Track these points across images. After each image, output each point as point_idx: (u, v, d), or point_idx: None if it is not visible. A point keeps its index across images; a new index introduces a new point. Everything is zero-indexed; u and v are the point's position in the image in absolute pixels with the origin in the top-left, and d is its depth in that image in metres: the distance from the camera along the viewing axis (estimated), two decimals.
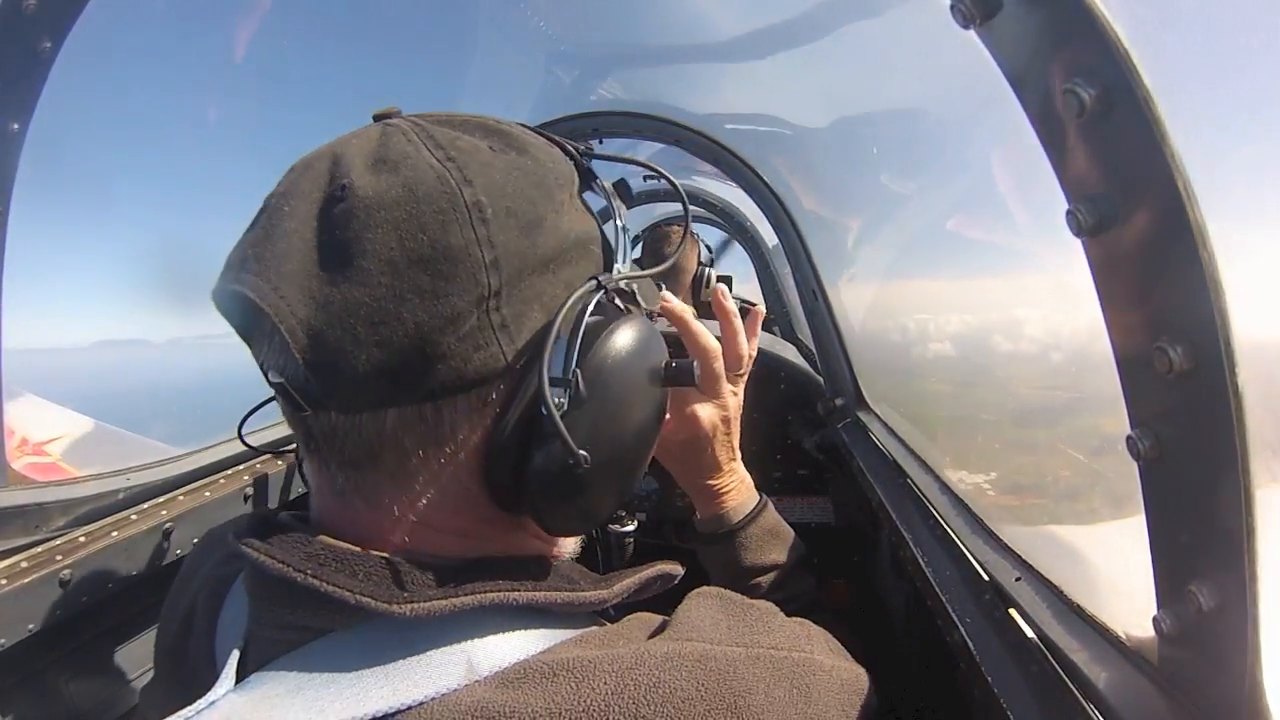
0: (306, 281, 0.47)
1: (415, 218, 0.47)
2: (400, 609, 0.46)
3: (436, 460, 0.51)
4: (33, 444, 1.85)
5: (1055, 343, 1.03)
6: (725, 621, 0.55)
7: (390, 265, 0.46)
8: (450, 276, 0.47)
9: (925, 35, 1.03)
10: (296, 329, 0.46)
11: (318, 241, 0.47)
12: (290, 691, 0.46)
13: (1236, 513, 0.43)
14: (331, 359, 0.46)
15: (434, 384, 0.48)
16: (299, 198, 0.49)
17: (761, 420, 2.03)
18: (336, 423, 0.49)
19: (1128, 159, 0.46)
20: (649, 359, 0.56)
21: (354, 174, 0.48)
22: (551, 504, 0.53)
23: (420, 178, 0.48)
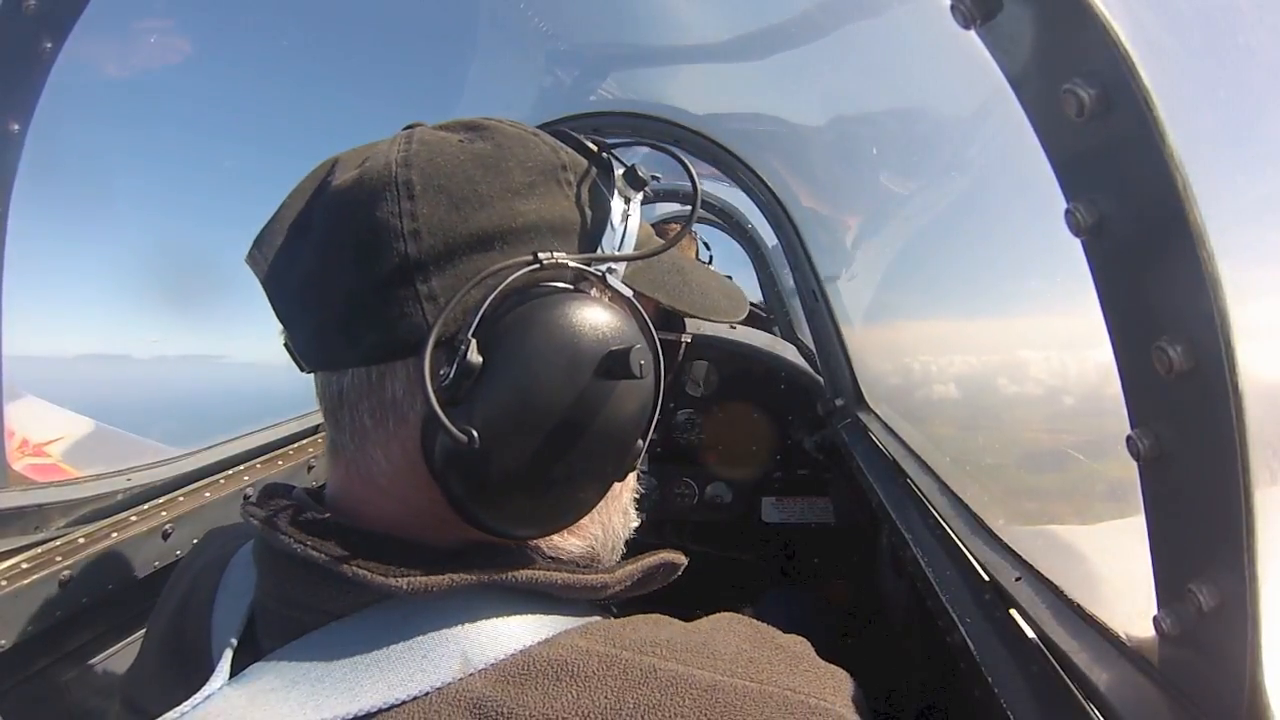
0: (278, 251, 0.55)
1: (354, 199, 0.52)
2: (398, 583, 0.47)
3: (385, 427, 0.52)
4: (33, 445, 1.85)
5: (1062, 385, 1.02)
6: (748, 653, 0.52)
7: (329, 238, 0.53)
8: (372, 246, 0.51)
9: (925, 35, 1.03)
10: (275, 293, 0.56)
11: (296, 222, 0.56)
12: (285, 686, 0.46)
13: (1236, 513, 0.43)
14: (293, 315, 0.56)
15: (367, 346, 0.51)
16: (299, 191, 0.58)
17: (761, 420, 2.03)
18: (319, 381, 0.56)
19: (1127, 159, 0.46)
20: (577, 341, 0.51)
21: (338, 173, 0.55)
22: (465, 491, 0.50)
23: (375, 167, 0.53)
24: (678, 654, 0.50)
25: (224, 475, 1.35)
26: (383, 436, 0.52)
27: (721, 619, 0.58)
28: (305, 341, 0.56)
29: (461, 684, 0.46)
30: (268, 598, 0.53)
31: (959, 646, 0.81)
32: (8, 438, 1.02)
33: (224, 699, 0.47)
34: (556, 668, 0.47)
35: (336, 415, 0.54)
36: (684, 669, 0.48)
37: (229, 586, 0.60)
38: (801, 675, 0.52)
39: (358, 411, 0.53)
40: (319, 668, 0.47)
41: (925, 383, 1.56)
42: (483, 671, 0.46)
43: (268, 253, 0.56)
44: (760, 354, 2.06)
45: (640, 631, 0.52)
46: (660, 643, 0.51)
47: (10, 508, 0.97)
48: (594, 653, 0.48)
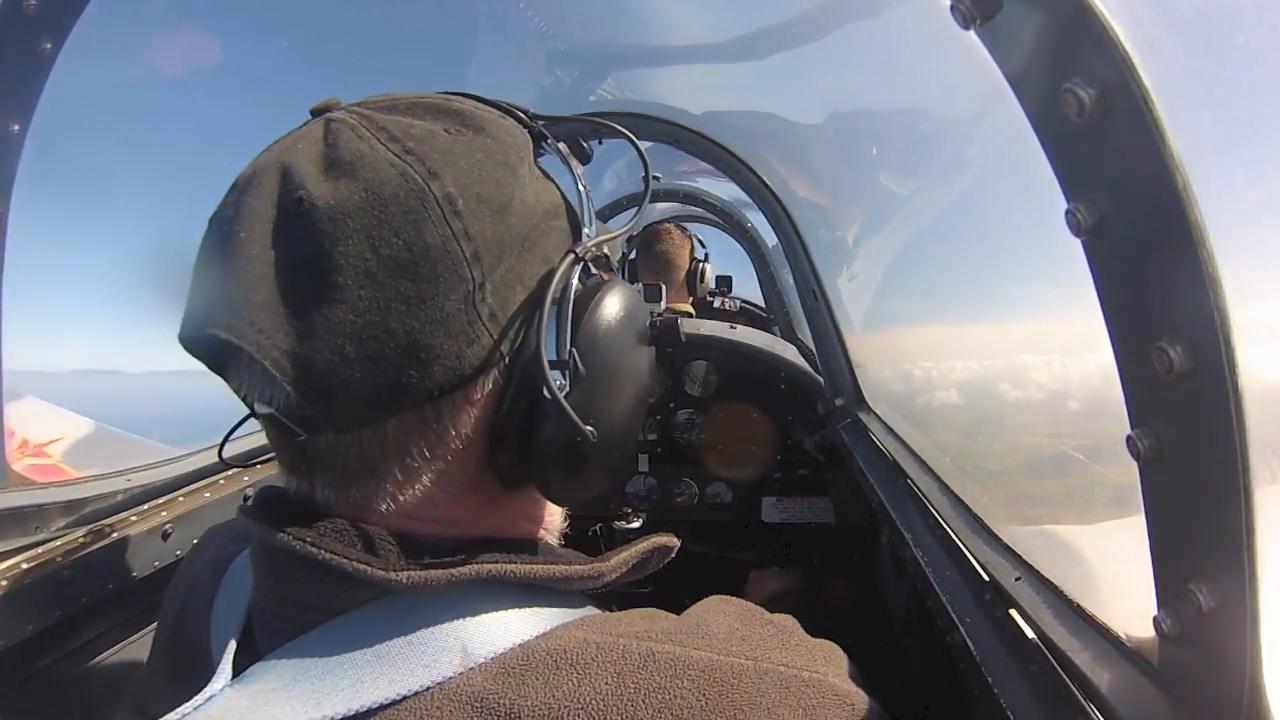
0: (281, 309, 0.44)
1: (385, 222, 0.44)
2: (397, 576, 0.47)
3: (441, 458, 0.51)
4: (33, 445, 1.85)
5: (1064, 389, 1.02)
6: (740, 631, 0.53)
7: (369, 277, 0.44)
8: (433, 278, 0.45)
9: (924, 36, 1.03)
10: (281, 360, 0.44)
11: (284, 264, 0.45)
12: (287, 685, 0.47)
13: (1236, 513, 0.43)
14: (323, 383, 0.45)
15: (431, 387, 0.47)
16: (252, 218, 0.46)
17: (761, 420, 2.03)
18: (336, 442, 0.49)
19: (1127, 159, 0.46)
20: (635, 322, 0.57)
21: (308, 184, 0.45)
22: (560, 477, 0.53)
23: (382, 178, 0.45)
24: (673, 637, 0.51)
25: (224, 475, 1.35)
26: (436, 467, 0.51)
27: (710, 601, 0.59)
28: (336, 410, 0.46)
29: (462, 679, 0.46)
30: (266, 598, 0.53)
31: (959, 646, 0.81)
32: (8, 438, 1.02)
33: (225, 699, 0.47)
34: (556, 657, 0.47)
35: (375, 470, 0.49)
36: (681, 650, 0.49)
37: (228, 588, 0.60)
38: (794, 650, 0.54)
39: (407, 456, 0.49)
40: (320, 666, 0.47)
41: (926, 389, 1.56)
42: (483, 665, 0.47)
43: (252, 315, 0.44)
44: (760, 354, 2.06)
45: (636, 622, 0.53)
46: (655, 629, 0.52)
47: (10, 508, 0.97)
48: (592, 642, 0.49)
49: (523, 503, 0.59)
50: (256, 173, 0.48)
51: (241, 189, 0.48)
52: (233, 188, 0.49)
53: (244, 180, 0.48)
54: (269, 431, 0.53)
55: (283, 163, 0.47)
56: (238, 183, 0.49)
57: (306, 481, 0.52)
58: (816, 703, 0.50)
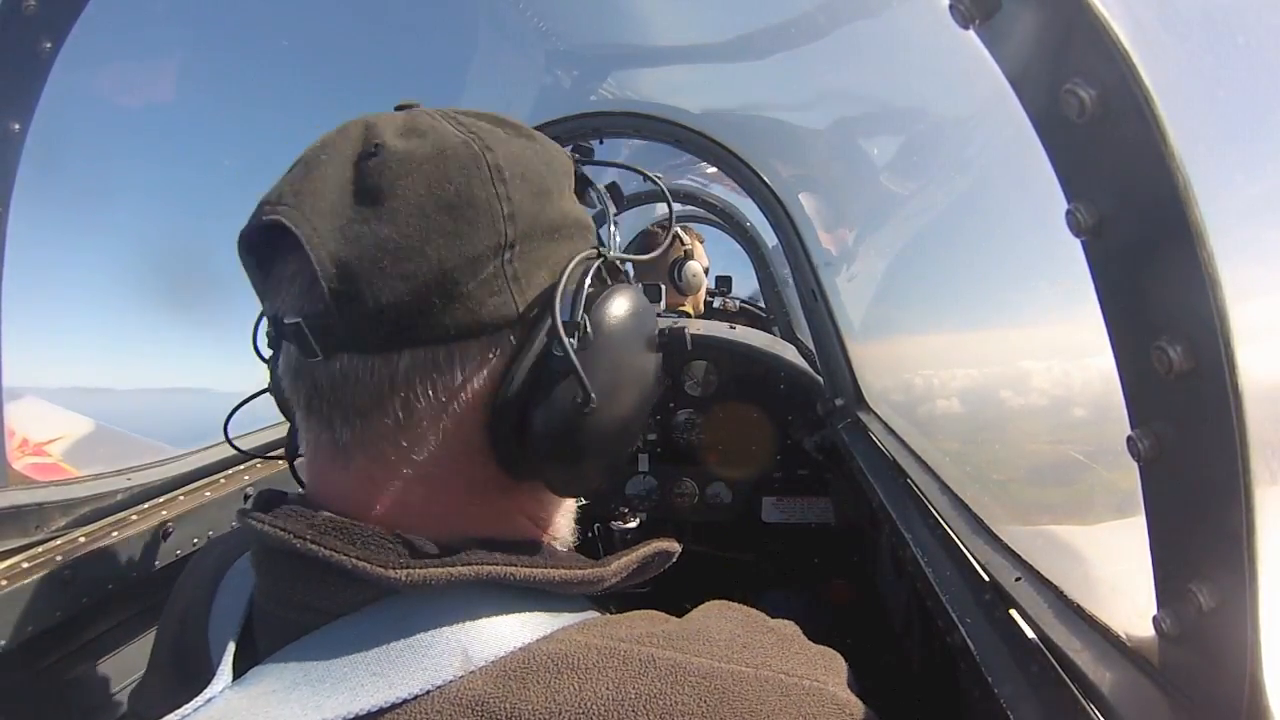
0: (339, 218, 0.49)
1: (443, 171, 0.51)
2: (397, 574, 0.47)
3: (443, 410, 0.52)
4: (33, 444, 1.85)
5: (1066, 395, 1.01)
6: (741, 638, 0.53)
7: (419, 208, 0.49)
8: (472, 222, 0.50)
9: (924, 35, 1.03)
10: (325, 259, 0.48)
11: (353, 186, 0.51)
12: (287, 687, 0.46)
13: (1236, 513, 0.43)
14: (356, 289, 0.48)
15: (449, 324, 0.50)
16: (335, 150, 0.52)
17: (761, 420, 2.03)
18: (348, 367, 0.51)
19: (1127, 159, 0.46)
20: (645, 323, 0.60)
21: (386, 136, 0.52)
22: (555, 454, 0.54)
23: (448, 141, 0.52)
24: (674, 643, 0.51)
25: (224, 475, 1.35)
26: (438, 420, 0.52)
27: (712, 607, 0.59)
28: (360, 320, 0.49)
29: (463, 682, 0.46)
30: (266, 600, 0.53)
31: (959, 646, 0.81)
32: (8, 437, 1.02)
33: (225, 701, 0.47)
34: (557, 662, 0.47)
35: (381, 405, 0.51)
36: (681, 657, 0.49)
37: (226, 592, 0.60)
38: (794, 658, 0.54)
39: (411, 393, 0.51)
40: (319, 668, 0.47)
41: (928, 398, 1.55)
42: (483, 669, 0.47)
43: (310, 214, 0.49)
44: (760, 354, 2.06)
45: (637, 625, 0.53)
46: (656, 634, 0.52)
47: (10, 507, 0.97)
48: (593, 646, 0.49)
49: (526, 501, 0.59)
50: (346, 125, 0.55)
51: (333, 134, 0.55)
52: (323, 135, 0.55)
53: (334, 130, 0.55)
54: (287, 366, 0.54)
55: (367, 121, 0.54)
56: (329, 132, 0.55)
57: (323, 420, 0.53)
58: (815, 711, 0.50)
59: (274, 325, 0.54)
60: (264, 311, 0.55)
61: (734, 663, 0.50)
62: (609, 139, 1.94)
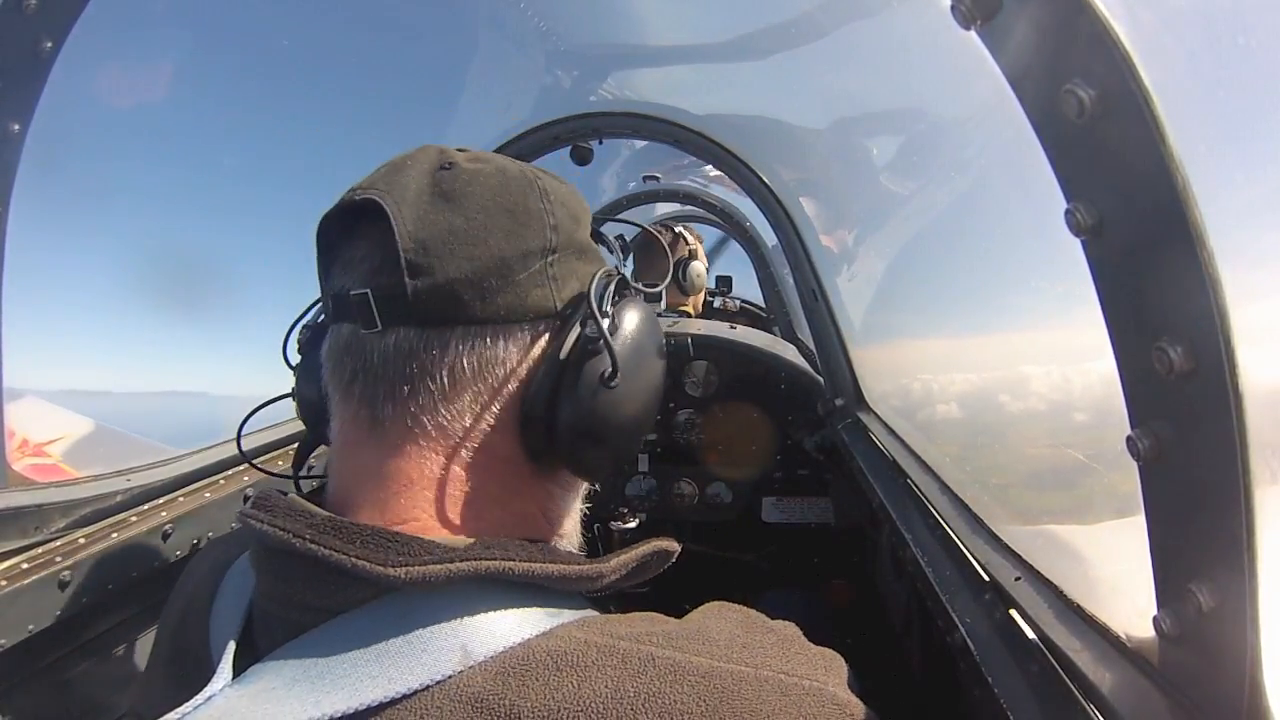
0: (419, 206, 0.57)
1: (504, 184, 0.60)
2: (396, 572, 0.47)
3: (484, 382, 0.58)
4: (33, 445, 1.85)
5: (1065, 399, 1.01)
6: (741, 638, 0.53)
7: (484, 208, 0.58)
8: (526, 224, 0.59)
9: (925, 35, 1.03)
10: (405, 234, 0.55)
11: (431, 186, 0.59)
12: (286, 684, 0.47)
13: (1236, 513, 0.43)
14: (428, 262, 0.55)
15: (500, 306, 0.57)
16: (416, 162, 0.61)
17: (761, 420, 2.03)
18: (403, 339, 0.56)
19: (1127, 159, 0.46)
20: (656, 331, 0.68)
21: (457, 158, 0.61)
22: (581, 434, 0.60)
23: (507, 167, 0.63)
24: (674, 642, 0.51)
25: (224, 475, 1.35)
26: (478, 389, 0.58)
27: (711, 607, 0.59)
28: (427, 291, 0.55)
29: (462, 678, 0.46)
30: (266, 599, 0.53)
31: (959, 646, 0.81)
32: (8, 438, 1.02)
33: (225, 699, 0.47)
34: (556, 659, 0.47)
35: (430, 376, 0.56)
36: (681, 656, 0.49)
37: (226, 592, 0.60)
38: (794, 658, 0.54)
39: (459, 363, 0.56)
40: (319, 665, 0.47)
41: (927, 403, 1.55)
42: (483, 665, 0.47)
43: (399, 198, 0.57)
44: (760, 354, 2.06)
45: (636, 624, 0.53)
46: (656, 633, 0.52)
47: (10, 508, 0.97)
48: (592, 643, 0.49)
49: (541, 497, 0.63)
50: (421, 149, 0.63)
51: (406, 153, 0.62)
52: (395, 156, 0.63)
53: (407, 151, 0.63)
54: (334, 347, 0.60)
55: (440, 148, 0.63)
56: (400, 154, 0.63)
57: (365, 394, 0.57)
58: (815, 711, 0.50)
59: (335, 302, 0.59)
60: (326, 292, 0.61)
61: (734, 662, 0.50)
62: (609, 139, 1.94)
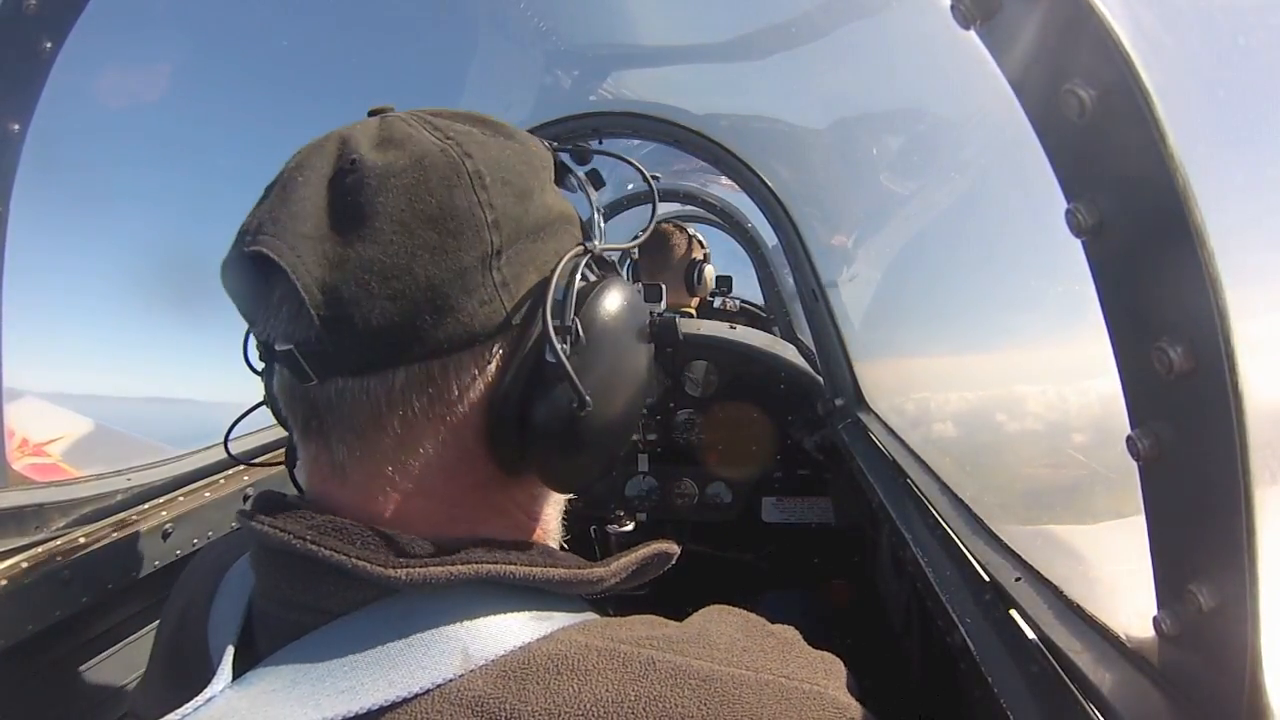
0: (321, 242, 0.49)
1: (423, 183, 0.51)
2: (396, 573, 0.47)
3: (441, 421, 0.53)
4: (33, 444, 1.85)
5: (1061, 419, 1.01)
6: (741, 642, 0.53)
7: (402, 225, 0.49)
8: (457, 234, 0.50)
9: (925, 36, 1.03)
10: (312, 286, 0.48)
11: (331, 206, 0.51)
12: (286, 686, 0.47)
13: (1236, 513, 0.43)
14: (346, 313, 0.48)
15: (442, 338, 0.50)
16: (311, 170, 0.52)
17: (761, 420, 2.03)
18: (344, 389, 0.51)
19: (1127, 159, 0.46)
20: (636, 315, 0.61)
21: (362, 150, 0.52)
22: (554, 453, 0.56)
23: (425, 150, 0.52)
24: (674, 646, 0.51)
25: (224, 475, 1.35)
26: (436, 431, 0.53)
27: (711, 611, 0.59)
28: (352, 343, 0.49)
29: (463, 681, 0.46)
30: (265, 600, 0.53)
31: (959, 647, 0.81)
32: (8, 437, 1.02)
33: (225, 701, 0.47)
34: (557, 662, 0.47)
35: (379, 423, 0.51)
36: (682, 659, 0.49)
37: (225, 593, 0.60)
38: (795, 662, 0.54)
39: (409, 409, 0.51)
40: (319, 667, 0.47)
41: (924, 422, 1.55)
42: (483, 668, 0.47)
43: (293, 241, 0.49)
44: (760, 354, 2.06)
45: (636, 628, 0.53)
46: (658, 636, 0.52)
47: (10, 507, 0.97)
48: (593, 647, 0.49)
49: (521, 496, 0.60)
50: (319, 141, 0.55)
51: (305, 152, 0.54)
52: (297, 153, 0.55)
53: (307, 146, 0.55)
54: (281, 383, 0.55)
55: (342, 135, 0.54)
56: (301, 149, 0.55)
57: (321, 440, 0.53)
58: (816, 715, 0.50)
59: (265, 350, 0.54)
60: (253, 335, 0.55)
61: (734, 666, 0.50)
62: (608, 139, 1.95)
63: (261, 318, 0.53)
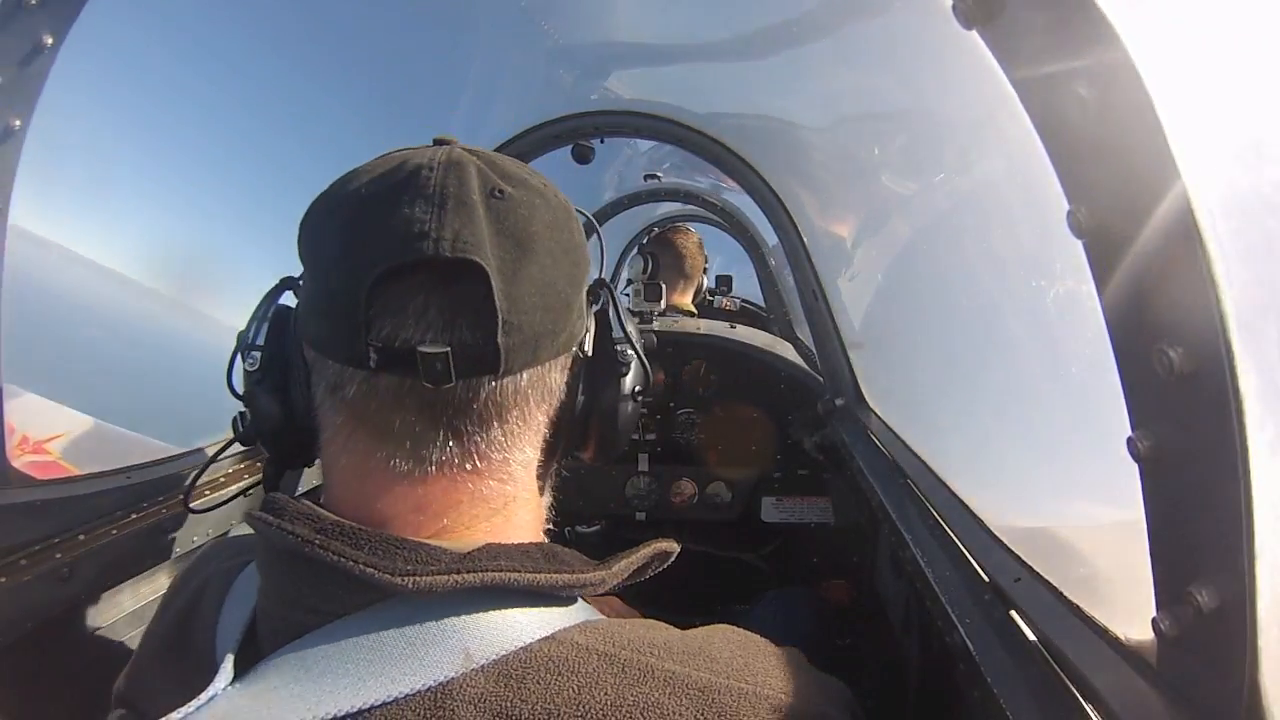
0: (501, 257, 0.55)
1: (557, 220, 0.60)
2: (403, 581, 0.47)
3: (543, 418, 0.61)
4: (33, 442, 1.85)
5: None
6: (742, 658, 0.54)
7: (550, 250, 0.58)
8: (578, 263, 0.62)
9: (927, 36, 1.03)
10: (501, 294, 0.54)
11: (498, 231, 0.56)
12: (288, 684, 0.47)
13: (1236, 513, 0.43)
14: (520, 319, 0.55)
15: (559, 346, 0.60)
16: (471, 192, 0.56)
17: (761, 420, 2.03)
18: (474, 388, 0.55)
19: (1128, 160, 0.46)
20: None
21: (499, 181, 0.59)
22: (613, 429, 0.69)
23: (547, 193, 0.61)
24: (675, 655, 0.51)
25: (224, 474, 1.35)
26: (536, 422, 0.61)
27: (717, 628, 0.60)
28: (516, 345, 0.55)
29: (464, 680, 0.46)
30: (271, 600, 0.54)
31: (958, 647, 0.81)
32: (8, 435, 1.02)
33: (227, 699, 0.48)
34: (558, 664, 0.47)
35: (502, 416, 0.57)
36: (682, 669, 0.49)
37: (237, 594, 0.60)
38: (794, 680, 0.54)
39: (526, 405, 0.59)
40: (321, 665, 0.47)
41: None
42: (484, 668, 0.47)
43: (490, 255, 0.54)
44: (760, 354, 2.06)
45: (638, 632, 0.53)
46: (658, 644, 0.52)
47: (10, 506, 0.97)
48: (594, 650, 0.49)
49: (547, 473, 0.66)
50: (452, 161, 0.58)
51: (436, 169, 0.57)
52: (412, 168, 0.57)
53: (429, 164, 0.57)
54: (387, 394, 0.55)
55: (474, 163, 0.59)
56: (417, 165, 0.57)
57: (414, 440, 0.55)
58: None
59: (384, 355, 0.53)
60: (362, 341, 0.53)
61: (734, 679, 0.50)
62: (609, 139, 1.95)
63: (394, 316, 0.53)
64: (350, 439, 0.56)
